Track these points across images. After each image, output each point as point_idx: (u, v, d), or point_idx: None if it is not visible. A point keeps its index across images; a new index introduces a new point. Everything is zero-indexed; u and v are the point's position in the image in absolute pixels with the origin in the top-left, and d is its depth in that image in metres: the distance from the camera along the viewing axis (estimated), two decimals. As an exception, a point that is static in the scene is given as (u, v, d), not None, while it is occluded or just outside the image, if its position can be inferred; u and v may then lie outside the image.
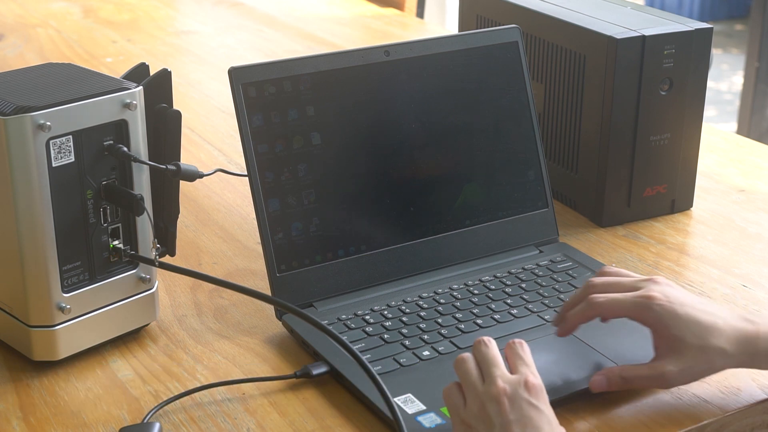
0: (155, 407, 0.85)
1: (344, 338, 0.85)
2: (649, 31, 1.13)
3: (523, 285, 1.00)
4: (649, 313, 0.81)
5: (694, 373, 0.81)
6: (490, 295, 0.99)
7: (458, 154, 1.05)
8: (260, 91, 0.95)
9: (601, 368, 0.86)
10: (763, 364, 0.82)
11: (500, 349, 0.79)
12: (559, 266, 1.04)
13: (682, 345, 0.81)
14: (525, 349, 0.78)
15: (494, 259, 1.05)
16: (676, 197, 1.21)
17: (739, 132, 3.54)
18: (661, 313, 0.81)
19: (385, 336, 0.92)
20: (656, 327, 0.82)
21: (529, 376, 0.74)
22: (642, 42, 1.12)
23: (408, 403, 0.83)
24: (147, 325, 0.96)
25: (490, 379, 0.75)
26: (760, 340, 0.81)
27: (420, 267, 1.02)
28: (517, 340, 0.79)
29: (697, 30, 1.15)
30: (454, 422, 0.76)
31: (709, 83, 1.70)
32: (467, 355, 0.78)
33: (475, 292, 0.99)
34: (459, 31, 1.40)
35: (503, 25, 1.11)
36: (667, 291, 0.82)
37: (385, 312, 0.96)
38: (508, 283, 1.01)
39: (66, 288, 0.88)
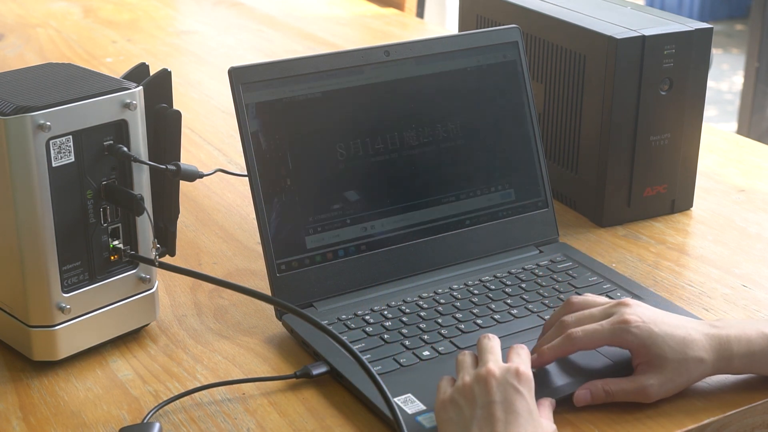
0: (155, 407, 0.85)
1: (344, 338, 0.85)
2: (649, 31, 1.13)
3: (523, 285, 1.00)
4: (629, 337, 0.83)
5: (675, 386, 0.83)
6: (490, 295, 0.99)
7: (458, 155, 1.05)
8: (260, 92, 0.95)
9: (597, 375, 0.86)
10: (737, 366, 0.84)
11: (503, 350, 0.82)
12: (559, 266, 1.04)
13: (663, 361, 0.82)
14: (524, 350, 0.81)
15: (494, 259, 1.05)
16: (676, 197, 1.21)
17: (739, 132, 3.54)
18: (640, 335, 0.82)
19: (385, 336, 0.92)
20: (637, 348, 0.83)
21: (520, 366, 0.78)
22: (642, 42, 1.12)
23: (408, 403, 0.83)
24: (147, 325, 0.96)
25: (483, 363, 0.79)
26: (731, 343, 0.84)
27: (420, 267, 1.02)
28: (519, 345, 0.82)
29: (697, 30, 1.15)
30: (436, 402, 0.79)
31: (710, 83, 1.70)
32: (468, 351, 0.82)
33: (475, 292, 0.99)
34: (459, 31, 1.40)
35: (503, 25, 1.11)
36: (639, 312, 0.84)
37: (385, 312, 0.96)
38: (508, 283, 1.01)
39: (66, 288, 0.88)
